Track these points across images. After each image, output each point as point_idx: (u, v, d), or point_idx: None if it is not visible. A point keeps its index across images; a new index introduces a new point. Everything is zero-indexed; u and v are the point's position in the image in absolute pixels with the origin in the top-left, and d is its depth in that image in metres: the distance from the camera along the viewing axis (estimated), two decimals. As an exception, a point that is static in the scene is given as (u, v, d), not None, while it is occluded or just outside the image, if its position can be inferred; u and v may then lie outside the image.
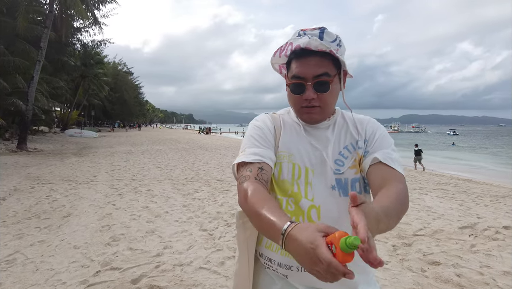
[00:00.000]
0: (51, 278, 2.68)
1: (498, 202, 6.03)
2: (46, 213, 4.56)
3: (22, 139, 13.95)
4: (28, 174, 7.86)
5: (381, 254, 3.25)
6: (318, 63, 0.91)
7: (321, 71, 0.90)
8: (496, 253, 3.31)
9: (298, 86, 0.93)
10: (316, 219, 0.93)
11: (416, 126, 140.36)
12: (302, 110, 0.97)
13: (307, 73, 0.91)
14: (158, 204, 5.13)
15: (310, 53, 0.91)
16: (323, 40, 0.90)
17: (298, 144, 1.00)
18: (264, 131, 1.00)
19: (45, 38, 14.08)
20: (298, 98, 0.95)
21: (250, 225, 1.00)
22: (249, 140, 0.99)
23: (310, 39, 0.90)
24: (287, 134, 1.02)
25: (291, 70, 0.96)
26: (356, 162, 0.98)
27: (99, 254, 3.17)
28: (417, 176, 9.81)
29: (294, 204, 0.95)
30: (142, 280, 2.66)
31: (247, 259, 1.01)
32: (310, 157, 0.98)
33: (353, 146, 1.00)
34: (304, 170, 0.96)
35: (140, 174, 8.24)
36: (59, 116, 35.97)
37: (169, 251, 3.26)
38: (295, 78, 0.94)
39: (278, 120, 1.05)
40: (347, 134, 1.01)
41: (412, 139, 37.82)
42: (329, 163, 0.96)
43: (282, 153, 0.99)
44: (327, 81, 0.91)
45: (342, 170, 0.96)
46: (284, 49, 0.98)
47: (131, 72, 55.57)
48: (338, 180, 0.95)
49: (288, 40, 0.99)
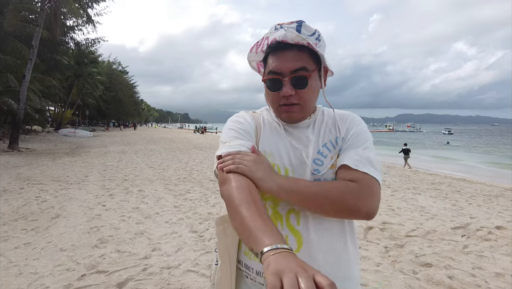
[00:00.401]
0: (34, 282, 2.60)
1: (491, 201, 6.03)
2: (34, 215, 4.47)
3: (14, 139, 13.76)
4: (18, 174, 7.73)
5: (373, 255, 3.21)
6: (295, 57, 0.86)
7: (299, 66, 0.85)
8: (489, 254, 3.29)
9: (275, 82, 0.88)
10: (295, 224, 0.87)
11: (411, 126, 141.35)
12: (280, 109, 0.91)
13: (284, 68, 0.86)
14: (149, 205, 5.05)
15: (286, 47, 0.86)
16: (301, 32, 0.85)
17: (278, 144, 0.94)
18: (245, 126, 0.95)
19: (37, 37, 13.88)
20: (275, 96, 0.90)
21: (231, 231, 0.95)
22: (230, 133, 0.94)
23: (286, 31, 0.85)
24: (267, 133, 0.97)
25: (268, 65, 0.90)
26: (336, 161, 0.93)
27: (86, 256, 3.10)
28: (411, 175, 9.81)
29: (271, 208, 0.89)
30: (128, 284, 2.59)
31: (229, 267, 0.95)
32: (290, 157, 0.92)
33: (332, 143, 0.94)
34: (283, 170, 0.90)
35: (132, 174, 8.14)
36: (53, 116, 35.62)
37: (158, 254, 3.19)
38: (272, 74, 0.88)
39: (259, 119, 1.00)
40: (326, 131, 0.96)
41: (408, 139, 38.00)
42: (308, 163, 0.90)
43: (263, 153, 0.93)
44: (305, 76, 0.86)
45: (321, 170, 0.90)
46: (260, 44, 0.93)
47: (126, 71, 55.25)
48: (316, 180, 0.89)
49: (264, 35, 0.93)
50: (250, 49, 0.96)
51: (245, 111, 1.06)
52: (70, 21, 19.54)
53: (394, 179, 8.76)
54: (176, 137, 29.48)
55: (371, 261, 3.07)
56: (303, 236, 0.86)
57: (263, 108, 1.07)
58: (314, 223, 0.87)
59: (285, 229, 0.87)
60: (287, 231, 0.87)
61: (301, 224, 0.87)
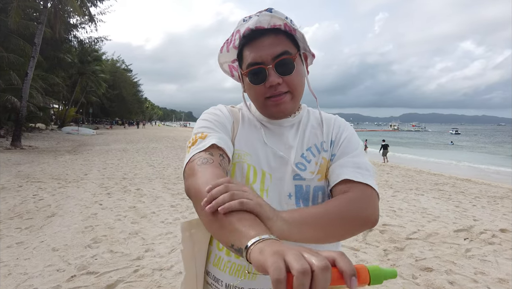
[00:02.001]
0: (23, 283, 2.54)
1: (496, 203, 5.90)
2: (29, 213, 4.43)
3: (16, 137, 13.80)
4: (18, 172, 7.72)
5: (371, 259, 3.12)
6: (275, 41, 0.77)
7: (280, 50, 0.77)
8: (492, 258, 3.18)
9: (258, 74, 0.78)
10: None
11: (416, 125, 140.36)
12: (268, 102, 0.80)
13: (265, 56, 0.77)
14: (145, 204, 5.00)
15: (263, 33, 0.78)
16: (272, 12, 0.77)
17: (256, 143, 0.85)
18: (221, 118, 0.86)
19: (39, 34, 13.89)
20: (260, 89, 0.79)
21: (198, 238, 0.86)
22: (203, 124, 0.83)
23: (259, 17, 0.77)
24: (245, 131, 0.87)
25: (245, 59, 0.81)
26: (322, 167, 0.84)
27: (77, 257, 3.04)
28: (414, 175, 9.68)
29: None
30: (118, 286, 2.53)
31: (195, 279, 0.87)
32: (268, 159, 0.83)
33: (317, 147, 0.85)
34: (260, 173, 0.81)
35: (131, 172, 8.10)
36: (57, 114, 35.80)
37: (150, 254, 3.12)
38: (252, 65, 0.79)
39: (237, 114, 0.91)
40: (311, 134, 0.87)
41: (413, 138, 37.62)
42: (290, 166, 0.81)
43: (238, 152, 0.84)
44: (290, 59, 0.77)
45: (303, 175, 0.82)
46: (231, 41, 0.83)
47: (129, 69, 55.36)
48: (298, 186, 0.81)
49: (233, 30, 0.84)
50: (220, 49, 0.86)
51: (223, 105, 0.96)
52: (74, 19, 19.63)
53: (397, 179, 8.64)
54: (179, 136, 29.48)
55: (369, 265, 2.98)
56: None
57: (242, 104, 0.98)
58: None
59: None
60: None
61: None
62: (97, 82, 35.48)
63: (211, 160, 0.71)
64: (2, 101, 14.78)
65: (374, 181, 0.80)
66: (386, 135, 67.33)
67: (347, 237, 0.78)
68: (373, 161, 14.83)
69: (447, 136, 68.95)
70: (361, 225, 0.75)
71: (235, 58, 0.88)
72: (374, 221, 0.76)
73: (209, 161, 0.71)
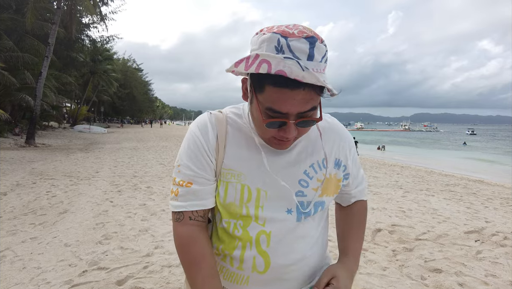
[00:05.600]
0: (36, 277, 2.62)
1: (509, 205, 5.78)
2: (43, 209, 4.54)
3: (30, 135, 14.12)
4: (32, 169, 7.91)
5: (380, 259, 3.10)
6: (306, 97, 0.67)
7: (309, 107, 0.69)
8: (503, 260, 3.13)
9: (277, 123, 0.72)
10: (265, 247, 0.81)
11: (428, 125, 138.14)
12: (273, 140, 0.77)
13: (291, 110, 0.68)
14: (155, 202, 5.06)
15: (296, 85, 0.65)
16: (313, 59, 0.65)
17: (249, 161, 0.82)
18: (202, 154, 0.81)
19: (53, 34, 14.18)
20: (272, 131, 0.74)
21: None
22: (186, 165, 0.82)
23: (302, 69, 0.62)
24: (236, 147, 0.83)
25: (265, 96, 0.69)
26: (324, 184, 0.86)
27: (89, 252, 3.11)
28: (425, 176, 9.55)
29: (242, 228, 0.82)
30: (128, 282, 2.58)
31: None
32: (263, 177, 0.81)
33: (319, 164, 0.86)
34: (255, 192, 0.81)
35: (142, 170, 8.21)
36: (69, 112, 36.45)
37: (160, 251, 3.17)
38: (273, 113, 0.70)
39: (224, 126, 0.84)
40: (314, 151, 0.86)
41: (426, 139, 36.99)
42: (293, 184, 0.83)
43: (229, 171, 0.82)
44: (314, 120, 0.73)
45: (306, 192, 0.84)
46: (252, 63, 0.67)
47: (140, 68, 55.98)
48: (300, 202, 0.83)
49: (255, 49, 0.70)
50: (236, 63, 0.69)
51: (209, 112, 0.88)
52: (86, 19, 19.96)
53: (407, 179, 8.53)
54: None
55: (377, 265, 2.97)
56: (271, 257, 0.81)
57: (230, 109, 0.90)
58: (285, 243, 0.82)
59: (253, 250, 0.81)
60: (255, 252, 0.81)
61: (272, 245, 0.81)
62: (108, 81, 36.01)
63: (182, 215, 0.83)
64: (17, 100, 15.15)
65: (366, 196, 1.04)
66: (397, 136, 66.47)
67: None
68: (397, 163, 14.73)
69: (460, 136, 67.58)
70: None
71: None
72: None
73: (180, 217, 0.83)
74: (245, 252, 0.81)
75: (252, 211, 0.81)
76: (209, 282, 0.78)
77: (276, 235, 0.81)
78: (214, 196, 0.84)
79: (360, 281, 2.65)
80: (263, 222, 0.81)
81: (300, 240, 0.84)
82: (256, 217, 0.81)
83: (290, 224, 0.82)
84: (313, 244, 0.87)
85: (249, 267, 0.82)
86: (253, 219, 0.81)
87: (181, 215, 0.82)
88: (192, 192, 0.81)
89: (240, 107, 0.91)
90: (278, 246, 0.81)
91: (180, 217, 0.82)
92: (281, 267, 0.82)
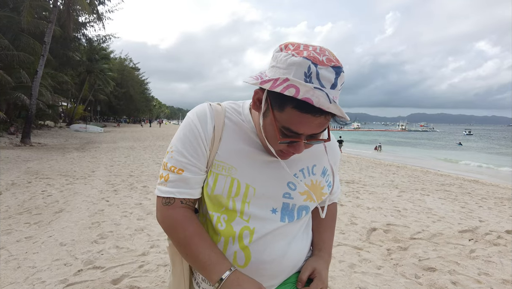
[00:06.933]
0: (31, 276, 2.61)
1: (503, 204, 5.84)
2: (38, 209, 4.52)
3: (26, 134, 14.03)
4: (27, 168, 7.86)
5: (375, 258, 3.12)
6: (323, 122, 0.72)
7: (321, 130, 0.75)
8: (496, 259, 3.16)
9: (290, 140, 0.76)
10: (247, 242, 0.82)
11: (424, 126, 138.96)
12: (279, 152, 0.80)
13: (307, 132, 0.73)
14: (152, 201, 5.06)
15: (320, 112, 0.68)
16: (335, 87, 0.68)
17: (243, 156, 0.84)
18: (197, 141, 0.83)
19: (49, 33, 14.10)
20: (282, 145, 0.78)
21: None
22: (180, 151, 0.83)
23: (329, 101, 0.65)
24: (231, 140, 0.85)
25: (284, 116, 0.71)
26: (310, 189, 0.89)
27: (84, 252, 3.10)
28: (420, 175, 9.61)
29: (225, 222, 0.83)
30: (123, 281, 2.58)
31: (182, 271, 0.92)
32: (254, 174, 0.83)
33: (308, 170, 0.89)
34: (244, 187, 0.82)
35: (138, 170, 8.19)
36: (65, 111, 36.24)
37: (156, 250, 3.17)
38: (290, 132, 0.73)
39: (222, 118, 0.86)
40: (306, 155, 0.89)
41: (423, 139, 37.26)
42: (281, 185, 0.85)
43: (221, 164, 0.83)
44: (323, 140, 0.78)
45: (292, 194, 0.86)
46: (279, 85, 0.67)
47: (137, 68, 55.75)
48: (285, 204, 0.86)
49: (280, 68, 0.71)
50: (263, 82, 0.71)
51: (208, 103, 0.89)
52: (82, 18, 19.85)
53: (403, 179, 8.58)
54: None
55: (372, 264, 2.99)
56: (252, 252, 0.83)
57: (229, 104, 0.91)
58: (267, 240, 0.84)
59: (235, 245, 0.83)
60: (237, 247, 0.83)
61: (254, 241, 0.83)
62: (105, 81, 35.82)
63: (172, 200, 0.84)
64: (13, 99, 15.04)
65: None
66: (394, 136, 66.78)
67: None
68: (393, 163, 14.80)
69: (457, 136, 68.18)
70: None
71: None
72: None
73: (171, 201, 0.84)
74: (227, 246, 0.83)
75: (238, 205, 0.82)
76: (216, 250, 0.80)
77: (259, 231, 0.83)
78: (201, 187, 0.86)
79: (355, 280, 2.67)
80: (247, 217, 0.83)
81: (282, 238, 0.86)
82: (242, 213, 0.83)
83: (273, 223, 0.84)
84: (294, 242, 0.89)
85: (229, 261, 0.83)
86: (238, 214, 0.83)
87: (171, 200, 0.82)
88: (183, 179, 0.82)
89: (239, 104, 0.92)
90: (260, 242, 0.82)
91: (169, 201, 0.82)
92: (261, 262, 0.83)
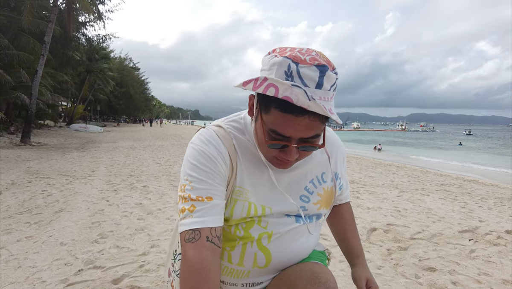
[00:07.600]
0: (32, 276, 2.61)
1: (503, 204, 5.84)
2: (38, 208, 4.52)
3: (26, 133, 14.03)
4: (27, 168, 7.86)
5: (375, 258, 3.13)
6: (310, 124, 0.68)
7: (312, 134, 0.71)
8: (496, 259, 3.17)
9: (278, 144, 0.73)
10: (266, 243, 0.85)
11: (424, 126, 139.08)
12: (274, 160, 0.78)
13: (294, 135, 0.70)
14: (152, 201, 5.06)
15: (301, 112, 0.66)
16: (322, 88, 0.66)
17: (256, 180, 0.84)
18: (217, 167, 0.78)
19: (49, 33, 14.09)
20: (274, 151, 0.75)
21: None
22: (200, 178, 0.77)
23: (308, 98, 0.62)
24: (244, 166, 0.84)
25: (270, 118, 0.71)
26: (322, 197, 0.91)
27: (85, 251, 3.10)
28: (420, 175, 9.61)
29: (244, 229, 0.84)
30: (124, 280, 2.58)
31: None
32: (267, 195, 0.84)
33: (318, 179, 0.91)
34: (260, 209, 0.83)
35: (138, 169, 8.19)
36: (65, 111, 36.22)
37: (156, 250, 3.17)
38: (276, 135, 0.71)
39: (231, 143, 0.83)
40: (313, 165, 0.90)
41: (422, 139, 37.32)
42: (296, 200, 0.88)
43: (240, 189, 0.83)
44: (316, 146, 0.74)
45: (307, 206, 0.89)
46: (260, 85, 0.68)
47: (137, 67, 55.74)
48: (299, 214, 0.90)
49: (265, 70, 0.71)
50: (245, 83, 0.71)
51: (214, 131, 0.84)
52: (82, 17, 19.83)
53: (402, 179, 8.58)
54: (185, 134, 29.64)
55: (372, 264, 2.99)
56: (272, 252, 0.85)
57: (229, 123, 0.88)
58: (285, 240, 0.86)
59: (254, 247, 0.84)
60: (256, 249, 0.84)
61: (272, 240, 0.85)
62: (104, 80, 35.83)
63: (197, 237, 0.72)
64: (12, 98, 15.03)
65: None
66: (394, 135, 66.86)
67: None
68: (394, 163, 14.80)
69: (457, 136, 68.31)
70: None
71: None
72: None
73: (196, 238, 0.72)
74: (246, 249, 0.84)
75: (256, 218, 0.85)
76: None
77: (277, 232, 0.85)
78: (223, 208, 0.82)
79: (355, 279, 2.67)
80: (265, 224, 0.85)
81: (300, 236, 0.89)
82: (260, 222, 0.85)
83: (290, 224, 0.87)
84: (310, 239, 0.93)
85: (249, 263, 0.85)
86: (256, 222, 0.85)
87: (196, 234, 0.72)
88: (213, 206, 0.76)
89: (240, 122, 0.89)
90: (278, 242, 0.85)
91: (195, 236, 0.72)
92: (281, 262, 0.86)
